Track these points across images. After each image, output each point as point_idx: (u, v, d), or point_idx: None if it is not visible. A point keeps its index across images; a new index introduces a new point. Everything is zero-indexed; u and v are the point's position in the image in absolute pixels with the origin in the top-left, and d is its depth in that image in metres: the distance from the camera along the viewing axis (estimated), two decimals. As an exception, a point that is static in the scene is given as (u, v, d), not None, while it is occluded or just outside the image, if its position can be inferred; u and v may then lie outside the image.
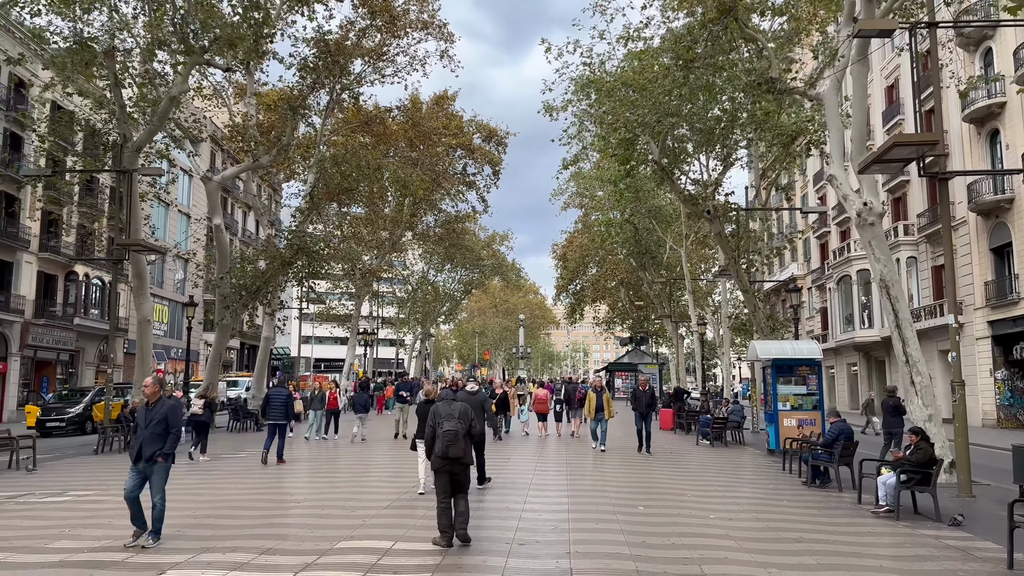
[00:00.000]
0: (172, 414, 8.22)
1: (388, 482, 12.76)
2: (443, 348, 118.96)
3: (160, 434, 8.15)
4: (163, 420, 8.16)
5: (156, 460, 8.04)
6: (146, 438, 8.10)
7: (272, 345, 65.64)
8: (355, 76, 31.66)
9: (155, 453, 8.06)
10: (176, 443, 8.23)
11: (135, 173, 22.07)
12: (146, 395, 8.38)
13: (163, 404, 8.27)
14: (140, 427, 8.25)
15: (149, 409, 8.29)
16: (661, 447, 18.83)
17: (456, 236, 50.93)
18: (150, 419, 8.17)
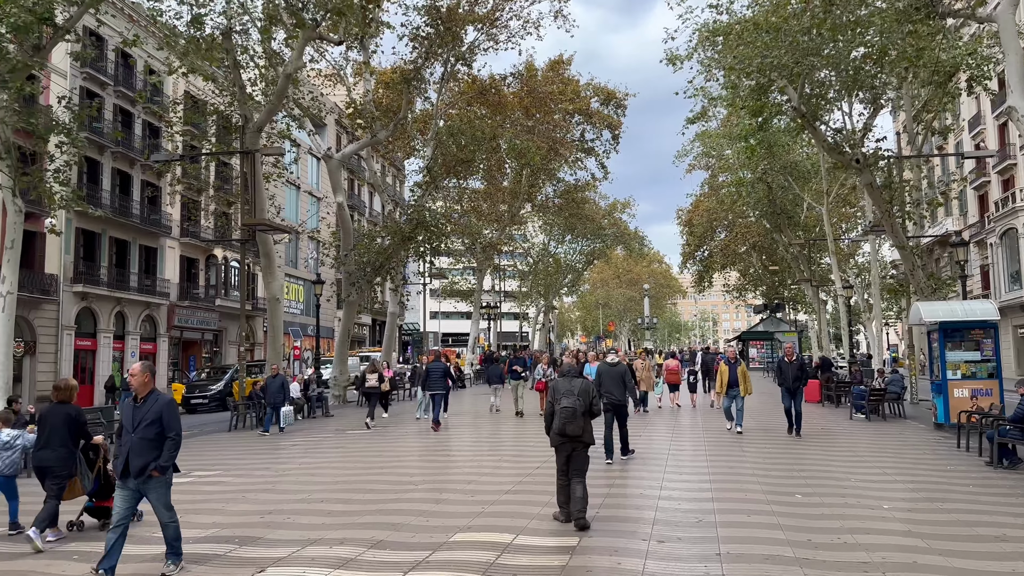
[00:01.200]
0: (167, 413, 6.28)
1: (509, 463, 11.94)
2: (567, 321, 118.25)
3: (152, 440, 6.22)
4: (156, 422, 6.22)
5: (150, 475, 6.18)
6: (134, 445, 6.18)
7: (401, 321, 66.73)
8: (468, 45, 30.93)
9: (147, 466, 6.15)
10: (176, 451, 6.31)
11: (257, 153, 22.27)
12: (133, 387, 6.36)
13: (156, 400, 6.32)
14: (126, 430, 6.29)
15: (138, 406, 6.32)
16: (810, 422, 17.04)
17: (576, 206, 49.62)
18: (139, 420, 6.23)
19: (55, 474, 7.73)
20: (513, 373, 20.26)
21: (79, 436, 7.93)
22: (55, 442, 7.75)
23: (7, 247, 14.65)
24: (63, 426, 7.78)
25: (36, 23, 13.45)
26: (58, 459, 7.73)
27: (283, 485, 10.46)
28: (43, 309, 30.34)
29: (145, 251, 37.07)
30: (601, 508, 8.41)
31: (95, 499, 8.18)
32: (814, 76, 22.56)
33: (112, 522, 6.14)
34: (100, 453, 8.22)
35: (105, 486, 8.08)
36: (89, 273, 32.72)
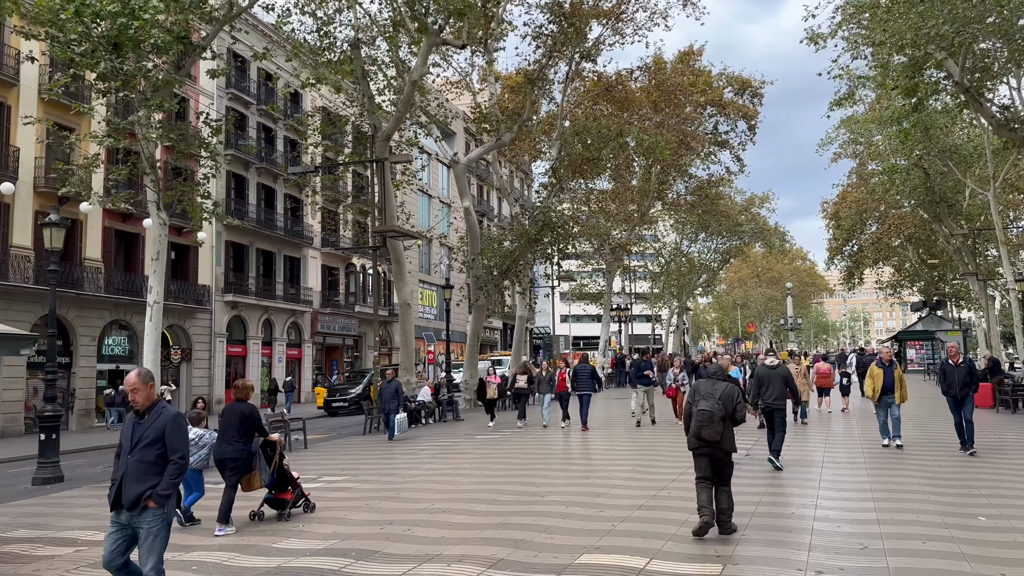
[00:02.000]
0: (172, 430, 5.11)
1: (642, 474, 11.15)
2: (702, 323, 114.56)
3: (152, 463, 5.01)
4: (158, 440, 5.05)
5: (146, 505, 4.96)
6: (129, 469, 5.02)
7: (531, 325, 66.49)
8: (593, 41, 30.26)
9: (144, 494, 4.95)
10: (179, 477, 5.10)
11: (386, 162, 22.60)
12: (135, 402, 5.17)
13: (159, 415, 5.13)
14: (123, 450, 5.17)
15: (139, 421, 5.15)
16: (985, 431, 15.10)
17: (710, 202, 47.68)
18: (137, 438, 5.07)
19: (231, 466, 8.31)
20: (642, 378, 18.53)
21: (253, 431, 8.50)
22: (231, 436, 8.33)
23: (152, 259, 15.44)
24: (238, 422, 8.36)
25: (174, 42, 14.06)
26: (235, 452, 8.31)
27: (407, 492, 10.21)
28: (197, 318, 32.32)
29: (289, 261, 38.84)
30: (747, 530, 7.53)
31: (274, 491, 8.82)
32: (976, 47, 20.28)
33: (103, 564, 5.12)
34: (277, 449, 8.83)
35: (281, 479, 8.80)
36: (238, 283, 34.61)
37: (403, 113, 22.14)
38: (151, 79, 14.49)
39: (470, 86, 30.48)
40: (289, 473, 8.97)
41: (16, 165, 23.92)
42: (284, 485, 8.86)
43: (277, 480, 8.79)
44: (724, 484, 7.34)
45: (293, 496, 8.96)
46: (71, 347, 26.67)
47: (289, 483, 8.94)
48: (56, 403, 12.81)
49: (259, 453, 8.62)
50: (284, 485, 8.86)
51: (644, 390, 18.29)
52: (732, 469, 7.49)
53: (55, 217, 13.13)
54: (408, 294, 24.00)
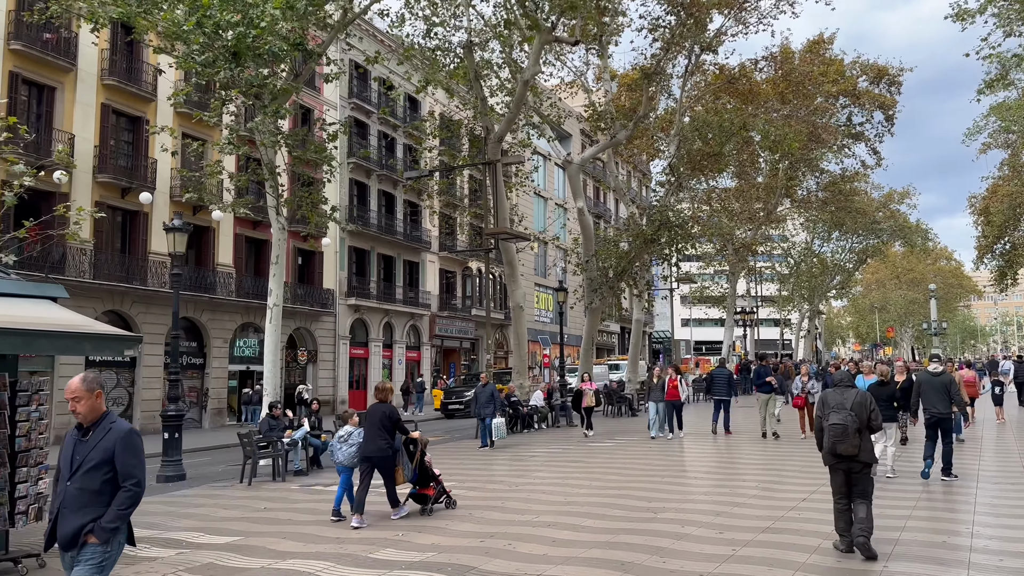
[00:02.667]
0: (124, 448, 4.17)
1: (766, 493, 10.22)
2: (836, 327, 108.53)
3: (97, 491, 4.12)
4: (105, 463, 4.14)
5: (85, 542, 4.08)
6: (69, 498, 4.15)
7: (650, 328, 64.85)
8: (715, 32, 29.01)
9: (84, 529, 4.09)
10: (131, 507, 4.18)
11: (498, 164, 22.42)
12: (76, 413, 4.22)
13: (109, 431, 4.19)
14: (61, 477, 4.27)
15: (82, 439, 4.22)
16: None
17: (843, 198, 44.85)
18: (80, 461, 4.17)
19: (380, 463, 8.88)
20: (763, 386, 16.78)
21: (394, 430, 9.01)
22: (374, 435, 8.87)
23: (272, 262, 15.82)
24: (379, 421, 8.92)
25: (291, 50, 14.33)
26: (377, 449, 8.83)
27: (512, 503, 9.78)
28: (322, 321, 33.39)
29: (408, 265, 39.57)
30: (890, 560, 6.59)
31: (417, 486, 9.34)
32: None
33: None
34: (418, 446, 9.34)
35: (423, 475, 9.31)
36: (360, 287, 35.52)
37: (515, 114, 21.86)
38: (268, 87, 14.85)
39: (585, 86, 29.92)
40: (431, 470, 9.41)
41: (154, 176, 25.33)
42: (426, 481, 9.34)
43: (420, 476, 9.29)
44: (864, 498, 6.77)
45: (435, 492, 9.36)
46: (204, 349, 28.09)
47: (431, 479, 9.38)
48: (179, 403, 13.27)
49: (402, 450, 9.16)
50: (426, 481, 9.34)
51: (765, 399, 16.81)
52: (872, 484, 6.90)
53: (177, 222, 13.65)
54: (521, 297, 23.70)
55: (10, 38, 21.65)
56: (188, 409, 27.52)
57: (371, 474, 8.94)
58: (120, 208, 24.83)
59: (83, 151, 23.46)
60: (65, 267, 22.38)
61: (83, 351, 7.35)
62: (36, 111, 22.84)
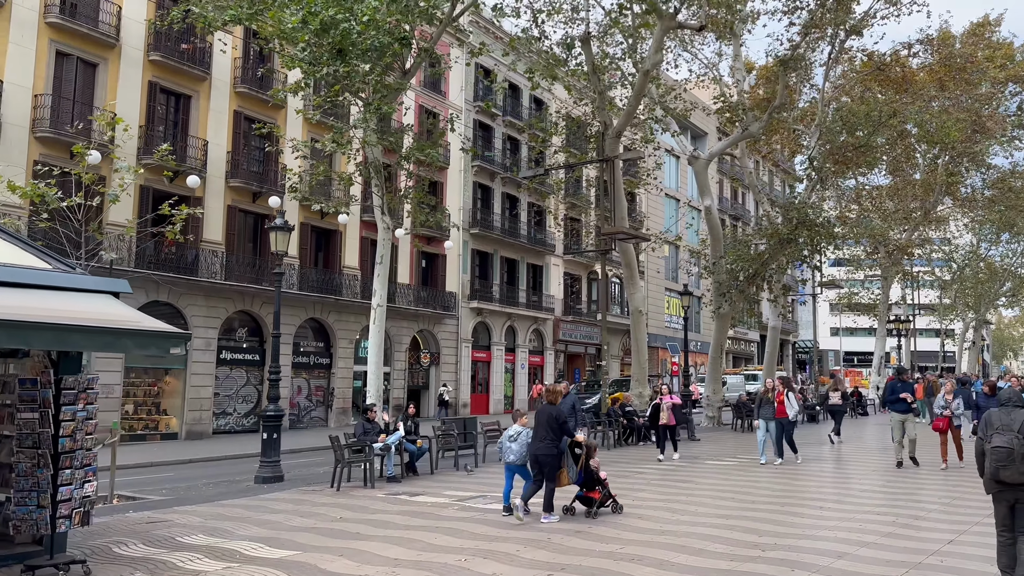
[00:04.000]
0: None
1: (902, 531, 8.63)
2: (1007, 338, 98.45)
3: None
4: None
5: None
6: None
7: (794, 337, 61.08)
8: (862, 15, 26.55)
9: None
10: None
11: (616, 160, 21.37)
12: None
13: None
14: None
15: None
16: None
17: (1014, 196, 40.10)
18: None
19: (544, 462, 9.14)
20: (896, 403, 14.20)
21: (561, 432, 9.28)
22: (542, 435, 9.21)
23: (377, 262, 15.56)
24: (547, 423, 9.24)
25: (392, 42, 14.00)
26: (545, 449, 9.14)
27: (599, 528, 8.77)
28: (444, 324, 33.44)
29: (532, 268, 39.07)
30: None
31: (584, 489, 9.56)
32: None
33: None
34: (584, 448, 9.48)
35: (588, 478, 9.50)
36: (483, 290, 35.35)
37: (634, 107, 20.71)
38: (373, 83, 14.60)
39: (718, 78, 28.20)
40: (597, 473, 9.56)
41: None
42: (592, 484, 9.52)
43: (585, 478, 9.48)
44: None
45: (601, 496, 9.52)
46: (331, 349, 28.71)
47: (597, 483, 9.54)
48: (278, 403, 13.17)
49: (567, 452, 9.32)
50: (592, 484, 9.52)
51: (900, 419, 14.18)
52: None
53: (279, 221, 13.60)
54: (640, 300, 22.48)
55: (149, 49, 22.91)
56: (315, 407, 28.29)
57: (541, 474, 9.26)
58: (251, 212, 25.75)
59: (216, 157, 24.52)
60: (197, 268, 23.40)
61: (123, 348, 7.16)
62: (173, 119, 24.07)
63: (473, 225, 34.80)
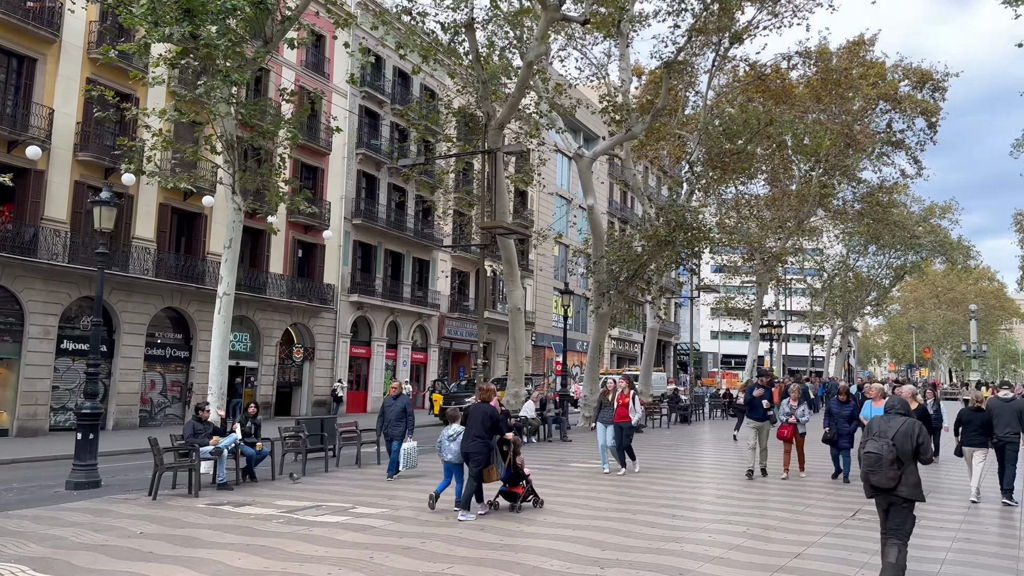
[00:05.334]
0: None
1: (752, 543, 8.29)
2: (871, 345, 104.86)
3: None
4: None
5: None
6: None
7: (676, 340, 62.42)
8: (745, 24, 27.04)
9: None
10: None
11: (498, 153, 20.71)
12: None
13: None
14: None
15: None
16: None
17: (881, 210, 42.28)
18: None
19: (475, 459, 9.32)
20: (753, 409, 13.33)
21: (494, 430, 9.48)
22: (476, 433, 9.37)
23: (225, 246, 14.26)
24: (481, 421, 9.40)
25: (247, 5, 12.76)
26: (477, 447, 9.33)
27: (432, 543, 8.00)
28: (321, 317, 31.93)
29: (418, 263, 38.02)
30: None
31: (508, 485, 9.78)
32: None
33: None
34: (511, 446, 9.71)
35: (514, 475, 9.75)
36: (365, 284, 34.01)
37: (518, 98, 20.12)
38: (226, 50, 13.28)
39: (606, 79, 28.09)
40: (521, 470, 9.81)
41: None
42: (517, 480, 9.78)
43: (511, 475, 9.72)
44: (897, 537, 6.20)
45: (524, 491, 9.82)
46: (191, 341, 26.76)
47: (521, 479, 9.80)
48: (96, 400, 11.71)
49: (496, 450, 9.54)
50: (517, 480, 9.78)
51: (755, 426, 13.25)
52: (912, 523, 6.29)
53: (106, 195, 12.14)
54: (519, 298, 21.94)
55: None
56: (170, 404, 26.27)
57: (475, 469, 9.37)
58: (101, 189, 23.53)
59: (63, 127, 22.24)
60: (36, 248, 21.12)
61: None
62: (15, 83, 21.67)
63: (356, 215, 33.44)
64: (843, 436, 12.64)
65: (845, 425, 12.65)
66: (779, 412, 13.49)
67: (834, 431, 12.66)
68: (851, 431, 12.61)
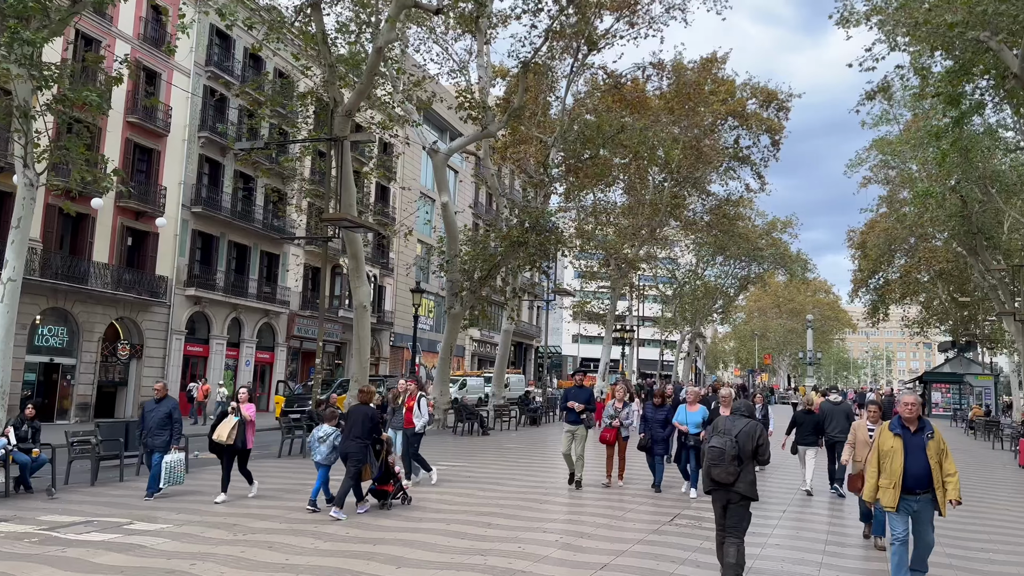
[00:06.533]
0: None
1: (561, 553, 7.94)
2: (719, 351, 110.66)
3: None
4: None
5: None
6: None
7: (537, 343, 62.93)
8: (603, 32, 27.41)
9: None
10: None
11: (345, 142, 19.69)
12: None
13: None
14: None
15: None
16: None
17: (728, 222, 44.35)
18: None
19: (354, 459, 9.53)
20: (568, 413, 12.14)
21: (373, 431, 9.76)
22: (356, 434, 9.63)
23: (13, 226, 12.54)
24: (362, 422, 9.68)
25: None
26: (357, 448, 9.57)
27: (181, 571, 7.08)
28: (152, 312, 29.53)
29: (267, 257, 36.09)
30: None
31: (378, 483, 9.99)
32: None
33: None
34: (385, 446, 9.99)
35: (386, 473, 9.99)
36: (204, 277, 31.80)
37: (367, 85, 19.20)
38: (16, 4, 11.66)
39: (467, 76, 27.63)
40: (392, 469, 10.09)
41: None
42: (387, 479, 10.02)
43: (383, 474, 9.96)
44: (736, 534, 6.44)
45: (394, 489, 10.09)
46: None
47: (391, 477, 10.07)
48: None
49: (370, 450, 9.79)
50: (387, 479, 10.02)
51: (570, 431, 11.98)
52: (748, 520, 6.54)
53: None
54: (365, 295, 20.97)
55: None
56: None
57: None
58: None
59: None
60: None
61: None
62: None
63: (196, 203, 31.21)
64: (657, 443, 11.85)
65: (659, 431, 11.85)
66: (604, 415, 12.66)
67: (648, 438, 11.90)
68: (665, 437, 11.89)
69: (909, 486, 6.33)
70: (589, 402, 12.12)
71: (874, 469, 6.57)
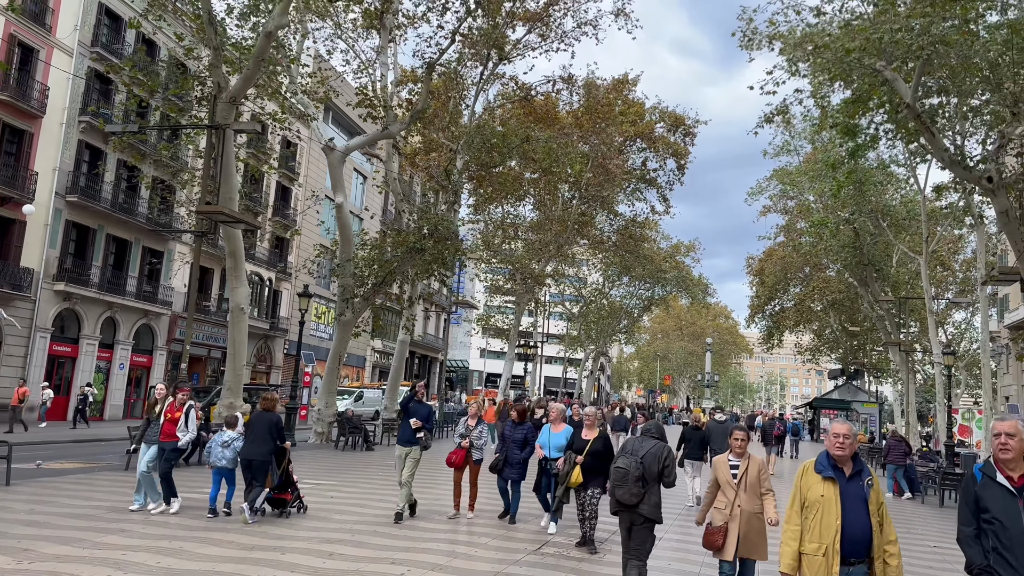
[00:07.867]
0: None
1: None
2: (624, 371, 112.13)
3: None
4: None
5: None
6: None
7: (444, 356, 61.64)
8: (513, 43, 26.97)
9: None
10: None
11: (228, 130, 18.32)
12: None
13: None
14: None
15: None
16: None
17: (634, 243, 44.64)
18: None
19: (257, 466, 9.53)
20: (404, 431, 10.32)
21: (277, 438, 9.72)
22: (260, 441, 9.59)
23: None
24: (266, 429, 9.64)
25: None
26: (260, 455, 9.53)
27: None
28: (14, 307, 26.96)
29: (151, 254, 33.78)
30: None
31: (275, 492, 9.91)
32: (934, 73, 17.49)
33: None
34: (286, 454, 9.95)
35: (285, 482, 9.99)
36: (77, 272, 29.36)
37: (253, 71, 17.92)
38: None
39: (373, 78, 26.57)
40: (292, 477, 10.13)
41: None
42: (286, 487, 10.02)
43: (282, 482, 9.95)
44: (638, 557, 6.41)
45: (292, 497, 10.12)
46: None
47: (290, 485, 10.08)
48: None
49: (273, 457, 9.72)
50: (286, 487, 10.02)
51: (403, 452, 10.29)
52: (652, 543, 6.52)
53: None
54: (243, 297, 19.55)
55: None
56: None
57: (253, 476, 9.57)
58: None
59: None
60: None
61: None
62: None
63: (72, 191, 28.82)
64: (512, 465, 10.14)
65: (516, 452, 10.15)
66: (455, 434, 11.00)
67: (501, 459, 10.21)
68: (523, 459, 10.16)
69: (844, 553, 4.53)
70: (428, 420, 10.36)
71: (795, 527, 4.70)
